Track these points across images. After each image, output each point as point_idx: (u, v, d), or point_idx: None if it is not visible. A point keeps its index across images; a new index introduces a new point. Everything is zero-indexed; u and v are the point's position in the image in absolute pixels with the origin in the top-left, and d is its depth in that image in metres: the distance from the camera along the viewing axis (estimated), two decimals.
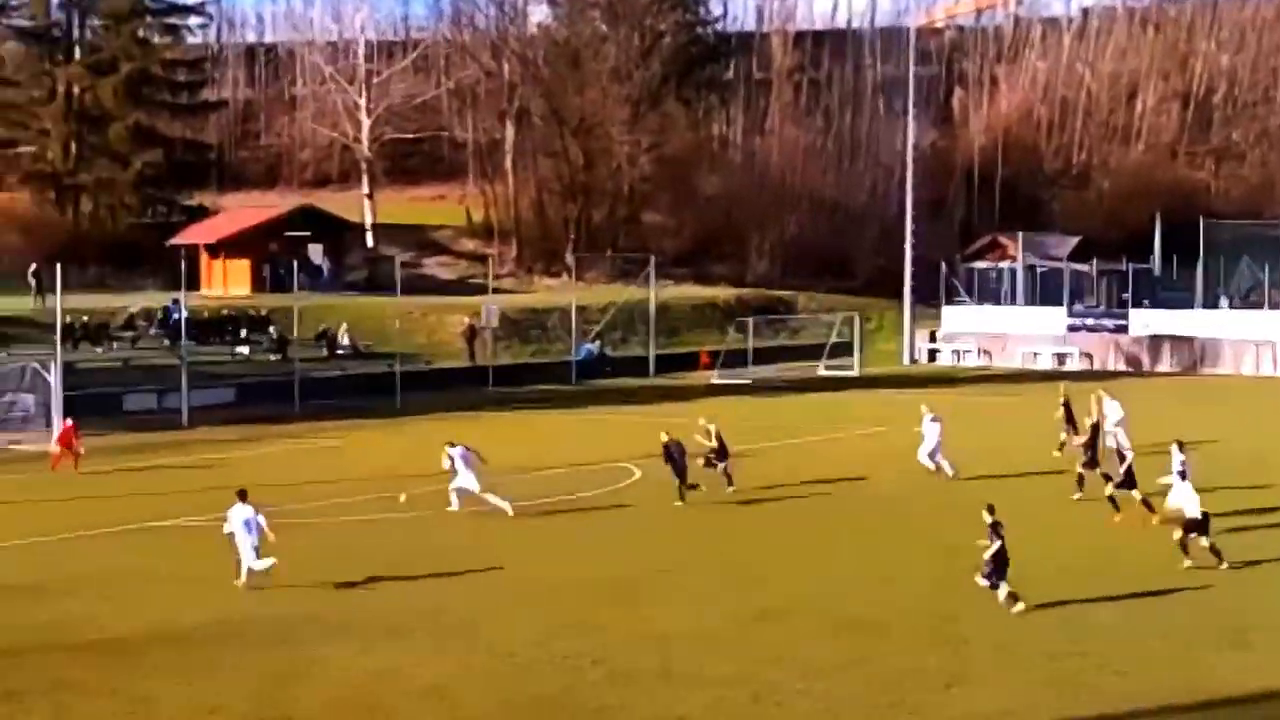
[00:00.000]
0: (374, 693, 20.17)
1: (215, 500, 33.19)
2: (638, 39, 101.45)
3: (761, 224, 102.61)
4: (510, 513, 32.81)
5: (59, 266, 50.38)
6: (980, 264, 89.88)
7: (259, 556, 26.25)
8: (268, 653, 22.06)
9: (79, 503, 36.03)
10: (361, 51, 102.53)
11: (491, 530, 32.16)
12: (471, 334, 69.93)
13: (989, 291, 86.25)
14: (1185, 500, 27.03)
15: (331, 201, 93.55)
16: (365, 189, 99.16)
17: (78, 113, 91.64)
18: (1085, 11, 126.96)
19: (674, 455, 34.64)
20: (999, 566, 23.72)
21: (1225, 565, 26.61)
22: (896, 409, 55.43)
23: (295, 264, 66.48)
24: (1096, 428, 35.90)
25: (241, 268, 79.19)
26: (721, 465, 36.02)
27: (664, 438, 34.97)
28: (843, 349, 77.47)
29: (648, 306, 75.84)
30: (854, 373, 73.56)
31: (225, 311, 67.86)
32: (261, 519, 26.50)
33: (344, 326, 67.47)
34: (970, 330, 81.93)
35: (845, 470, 39.75)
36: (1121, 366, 76.13)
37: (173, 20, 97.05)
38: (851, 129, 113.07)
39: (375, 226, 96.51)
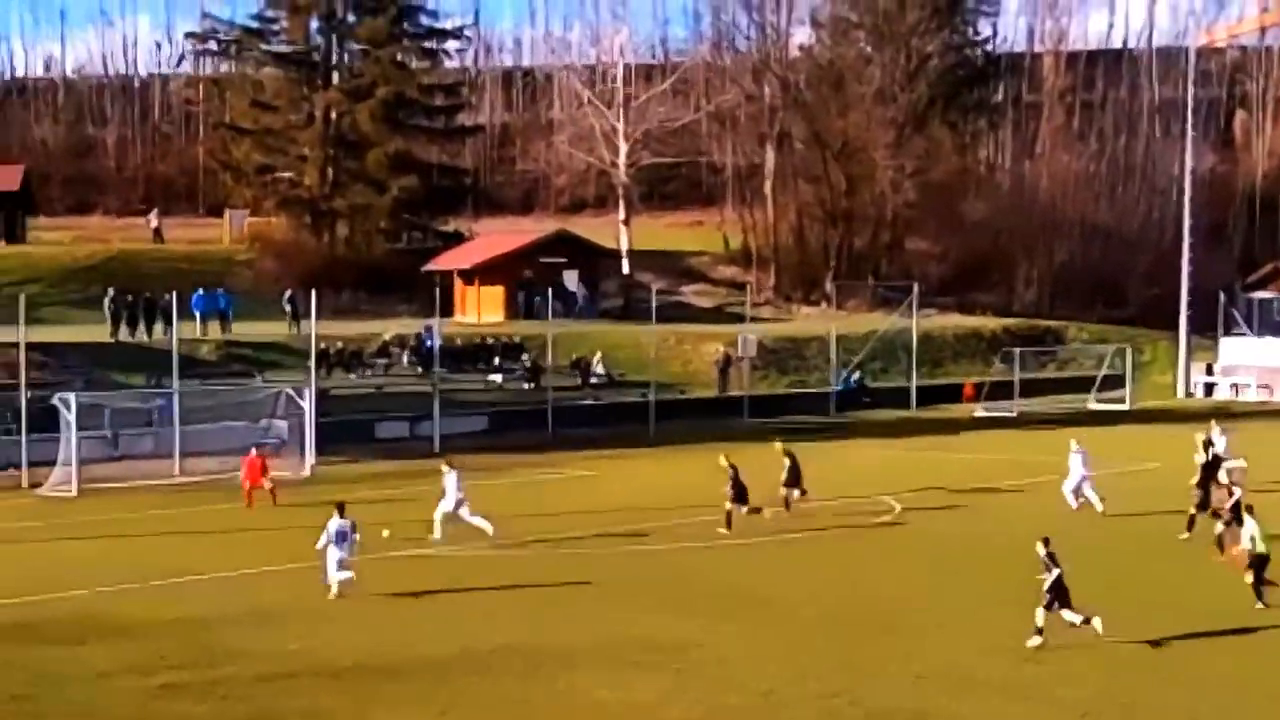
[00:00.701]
0: None
1: (464, 530, 32.68)
2: (903, 60, 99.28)
3: (1029, 251, 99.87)
4: (490, 532, 32.65)
5: (314, 292, 50.62)
6: (1262, 294, 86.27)
7: (341, 569, 27.31)
8: (514, 683, 21.86)
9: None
10: (620, 75, 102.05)
11: (742, 563, 31.64)
12: (726, 363, 68.64)
13: (1270, 323, 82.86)
14: (1247, 537, 26.87)
15: (587, 227, 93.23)
16: (621, 214, 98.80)
17: (335, 138, 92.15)
18: None
19: (738, 480, 34.76)
20: (1060, 595, 23.38)
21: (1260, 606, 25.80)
22: (1170, 445, 52.81)
23: (550, 291, 66.04)
24: (1207, 467, 34.36)
25: (495, 294, 79.09)
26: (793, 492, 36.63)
27: (722, 462, 35.27)
28: (1114, 382, 74.66)
29: (910, 336, 73.89)
30: (1125, 406, 70.85)
31: (482, 339, 67.75)
32: (357, 535, 27.72)
33: (598, 355, 66.95)
34: (1250, 363, 78.52)
35: (1110, 507, 37.10)
36: None
37: (431, 44, 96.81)
38: (1126, 153, 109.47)
39: (631, 253, 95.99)
